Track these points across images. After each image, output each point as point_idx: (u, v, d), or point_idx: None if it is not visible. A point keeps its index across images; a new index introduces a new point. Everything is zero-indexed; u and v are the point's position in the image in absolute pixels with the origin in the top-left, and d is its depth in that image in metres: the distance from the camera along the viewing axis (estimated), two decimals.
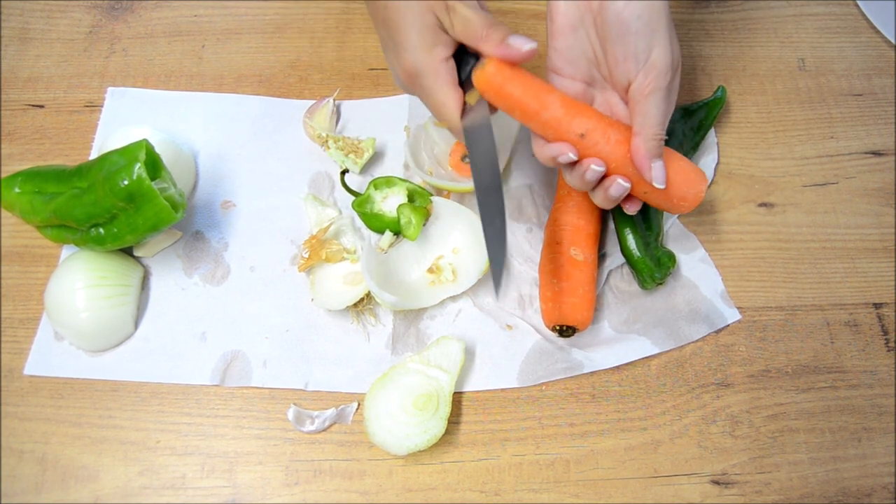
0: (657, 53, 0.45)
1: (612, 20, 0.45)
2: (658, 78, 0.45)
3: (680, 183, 0.49)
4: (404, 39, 0.46)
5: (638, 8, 0.45)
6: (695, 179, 0.49)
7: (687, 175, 0.49)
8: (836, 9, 0.73)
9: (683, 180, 0.49)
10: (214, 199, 0.61)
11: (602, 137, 0.47)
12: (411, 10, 0.46)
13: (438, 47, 0.46)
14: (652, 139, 0.46)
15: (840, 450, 0.54)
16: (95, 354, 0.55)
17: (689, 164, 0.50)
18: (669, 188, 0.48)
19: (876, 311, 0.59)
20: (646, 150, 0.46)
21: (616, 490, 0.52)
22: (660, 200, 0.50)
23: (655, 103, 0.45)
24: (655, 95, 0.45)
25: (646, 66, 0.45)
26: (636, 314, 0.58)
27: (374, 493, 0.52)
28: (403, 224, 0.56)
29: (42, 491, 0.51)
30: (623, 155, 0.47)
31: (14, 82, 0.66)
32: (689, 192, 0.49)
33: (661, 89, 0.45)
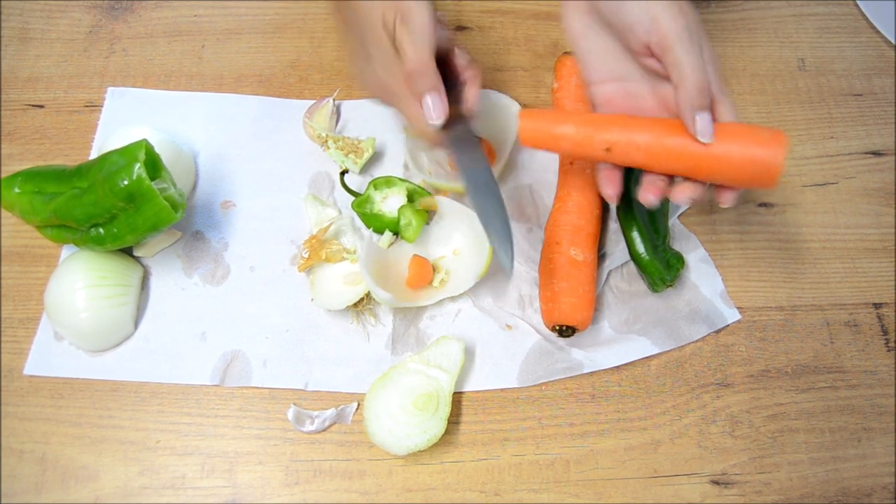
0: (656, 8, 0.44)
1: (603, 4, 0.46)
2: (671, 27, 0.43)
3: (746, 148, 0.43)
4: (377, 47, 0.46)
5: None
6: (769, 139, 0.43)
7: (755, 137, 0.43)
8: (836, 9, 0.73)
9: (750, 143, 0.43)
10: (214, 199, 0.61)
11: (629, 146, 0.46)
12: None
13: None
14: (692, 88, 0.43)
15: (840, 450, 0.54)
16: (95, 354, 0.55)
17: (758, 128, 0.44)
18: (733, 156, 0.43)
19: (876, 311, 0.59)
20: (685, 103, 0.43)
21: (616, 490, 0.52)
22: (733, 174, 0.45)
23: (680, 51, 0.43)
24: (676, 43, 0.43)
25: (653, 24, 0.44)
26: (636, 314, 0.58)
27: (374, 493, 0.52)
28: (403, 226, 0.56)
29: (42, 491, 0.51)
30: (662, 151, 0.45)
31: (14, 82, 0.66)
32: (763, 155, 0.43)
33: (679, 35, 0.43)
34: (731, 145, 0.44)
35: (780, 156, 0.43)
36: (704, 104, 0.43)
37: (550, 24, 0.71)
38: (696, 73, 0.43)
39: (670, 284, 0.57)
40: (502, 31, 0.71)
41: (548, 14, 0.72)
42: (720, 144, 0.44)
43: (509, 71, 0.68)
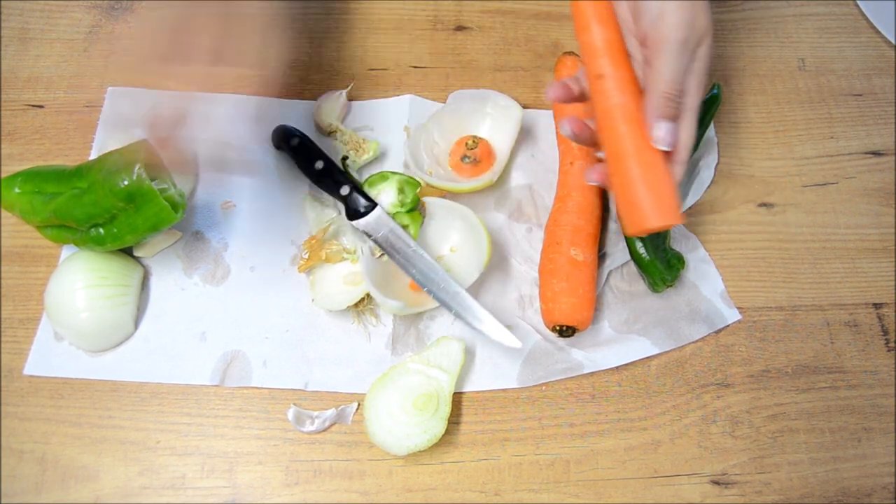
0: (669, 8, 0.43)
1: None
2: (669, 33, 0.43)
3: (645, 195, 0.45)
4: None
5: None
6: (658, 205, 0.44)
7: (658, 192, 0.44)
8: (836, 9, 0.73)
9: (648, 190, 0.44)
10: (214, 199, 0.61)
11: (616, 86, 0.46)
12: None
13: None
14: (659, 96, 0.43)
15: (840, 450, 0.54)
16: (95, 354, 0.55)
17: (671, 188, 0.45)
18: (629, 198, 0.45)
19: (876, 311, 0.59)
20: (650, 108, 0.44)
21: (616, 490, 0.52)
22: (620, 199, 0.46)
23: (665, 59, 0.43)
24: (665, 51, 0.43)
25: (657, 20, 0.44)
26: (636, 314, 0.58)
27: (374, 494, 0.52)
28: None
29: (42, 491, 0.51)
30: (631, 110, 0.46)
31: (14, 82, 0.66)
32: (641, 208, 0.44)
33: (671, 44, 0.43)
34: (635, 181, 0.45)
35: (646, 224, 0.45)
36: (669, 114, 0.44)
37: (550, 24, 0.71)
38: (671, 82, 0.44)
39: (670, 284, 0.57)
40: (502, 31, 0.71)
41: (548, 14, 0.72)
42: (630, 169, 0.45)
43: (509, 71, 0.68)
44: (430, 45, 0.69)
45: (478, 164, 0.61)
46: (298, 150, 0.59)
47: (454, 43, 0.70)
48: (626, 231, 0.47)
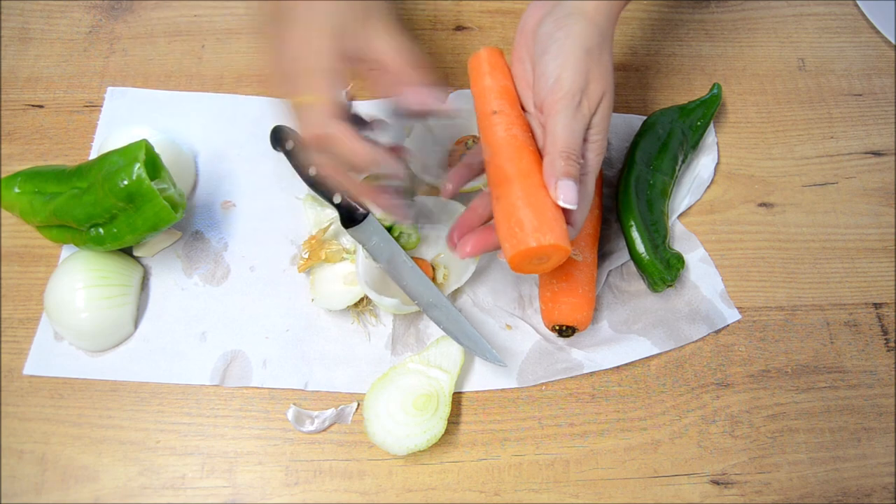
0: (566, 74, 0.44)
1: (536, 43, 0.47)
2: (563, 98, 0.44)
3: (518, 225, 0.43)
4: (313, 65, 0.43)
5: (556, 31, 0.46)
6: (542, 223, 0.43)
7: (542, 214, 0.43)
8: (836, 9, 0.73)
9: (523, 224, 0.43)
10: (214, 199, 0.61)
11: (507, 119, 0.47)
12: (327, 16, 0.43)
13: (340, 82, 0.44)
14: (557, 157, 0.43)
15: (840, 450, 0.54)
16: (95, 354, 0.55)
17: (558, 214, 0.44)
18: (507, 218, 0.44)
19: (876, 311, 0.59)
20: (550, 168, 0.44)
21: (616, 490, 0.52)
22: (501, 225, 0.45)
23: (561, 122, 0.44)
24: (560, 115, 0.44)
25: (553, 86, 0.45)
26: (636, 314, 0.58)
27: (373, 494, 0.52)
28: (402, 242, 0.56)
29: (42, 491, 0.51)
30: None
31: (14, 82, 0.66)
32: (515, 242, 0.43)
33: (566, 109, 0.44)
34: (515, 206, 0.44)
35: (522, 245, 0.42)
36: (569, 172, 0.43)
37: None
38: (567, 141, 0.44)
39: (670, 284, 0.57)
40: (502, 31, 0.71)
41: None
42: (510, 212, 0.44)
43: None
44: (430, 45, 0.69)
45: None
46: (293, 153, 0.59)
47: (454, 43, 0.70)
48: (507, 257, 0.44)
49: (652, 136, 0.61)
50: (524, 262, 0.44)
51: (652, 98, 0.68)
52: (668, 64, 0.70)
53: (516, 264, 0.44)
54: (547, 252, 0.43)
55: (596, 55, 0.46)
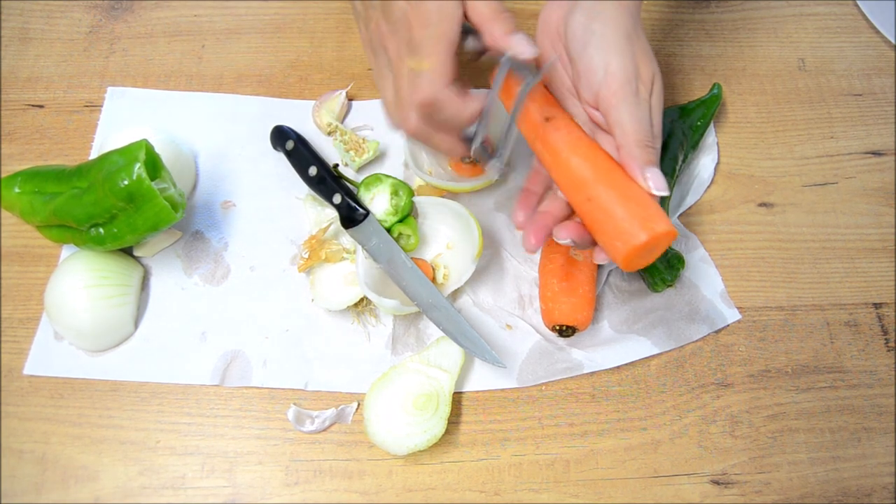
0: (615, 65, 0.44)
1: (571, 39, 0.46)
2: (621, 88, 0.44)
3: (617, 214, 0.43)
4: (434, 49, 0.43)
5: (591, 23, 0.45)
6: (643, 221, 0.42)
7: (637, 204, 0.43)
8: (836, 9, 0.73)
9: (626, 213, 0.43)
10: (214, 199, 0.61)
11: (566, 122, 0.47)
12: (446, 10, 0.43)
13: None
14: (636, 146, 0.44)
15: (840, 450, 0.54)
16: (95, 354, 0.55)
17: (650, 199, 0.44)
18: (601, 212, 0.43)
19: (876, 311, 0.59)
20: (632, 158, 0.44)
21: (616, 490, 0.52)
22: (598, 231, 0.45)
23: (627, 111, 0.44)
24: (624, 104, 0.44)
25: (606, 78, 0.44)
26: (636, 314, 0.58)
27: (373, 493, 0.52)
28: (402, 242, 0.55)
29: (42, 491, 0.51)
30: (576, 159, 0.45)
31: (14, 82, 0.66)
32: (624, 229, 0.43)
33: (627, 98, 0.44)
34: (611, 205, 0.43)
35: (635, 240, 0.42)
36: (650, 159, 0.44)
37: None
38: (641, 131, 0.44)
39: (670, 284, 0.57)
40: None
41: None
42: (606, 196, 0.44)
43: None
44: None
45: (478, 164, 0.61)
46: (292, 154, 0.59)
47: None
48: (620, 262, 0.44)
49: None
50: (636, 258, 0.44)
51: None
52: (668, 64, 0.70)
53: (629, 261, 0.44)
54: (658, 241, 0.43)
55: (636, 39, 0.46)
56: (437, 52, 0.42)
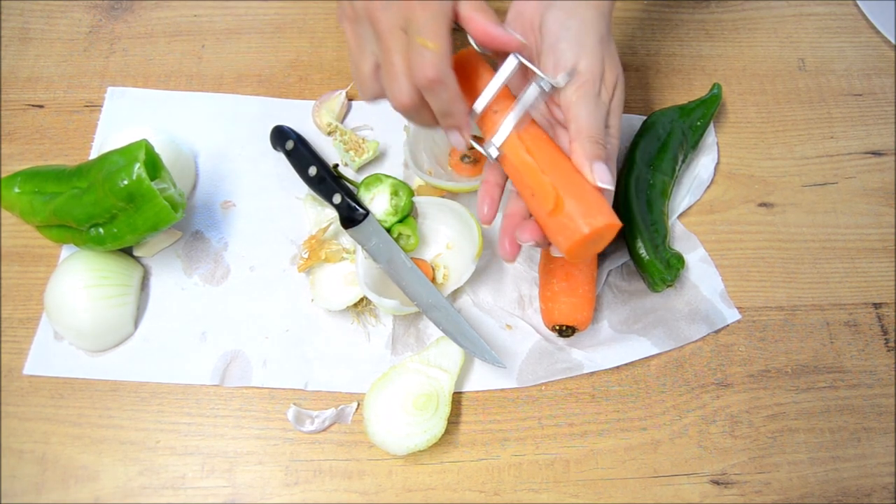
0: (584, 63, 0.45)
1: (545, 32, 0.47)
2: (583, 86, 0.45)
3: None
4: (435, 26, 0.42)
5: (567, 20, 0.46)
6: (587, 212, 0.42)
7: (583, 196, 0.43)
8: (836, 9, 0.73)
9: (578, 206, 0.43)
10: (214, 199, 0.61)
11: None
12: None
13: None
14: (587, 140, 0.44)
15: (840, 450, 0.54)
16: (95, 354, 0.55)
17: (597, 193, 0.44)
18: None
19: (876, 311, 0.59)
20: (581, 151, 0.44)
21: (616, 490, 0.52)
22: (545, 223, 0.45)
23: (585, 108, 0.45)
24: (583, 101, 0.45)
25: (573, 75, 0.45)
26: (636, 314, 0.58)
27: (373, 493, 0.52)
28: (402, 244, 0.55)
29: (42, 491, 0.51)
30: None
31: (14, 82, 0.66)
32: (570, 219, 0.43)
33: (588, 95, 0.45)
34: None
35: (576, 234, 0.42)
36: (599, 154, 0.44)
37: None
38: (593, 127, 0.44)
39: (670, 284, 0.57)
40: None
41: None
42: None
43: None
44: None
45: (477, 164, 0.61)
46: (292, 154, 0.59)
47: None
48: (563, 249, 0.44)
49: (652, 136, 0.61)
50: (580, 250, 0.44)
51: (652, 98, 0.68)
52: (668, 64, 0.70)
53: (574, 253, 0.44)
54: (601, 233, 0.43)
55: (607, 42, 0.47)
56: (442, 34, 0.43)
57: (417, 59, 0.43)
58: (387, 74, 0.45)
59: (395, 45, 0.44)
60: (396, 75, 0.44)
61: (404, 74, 0.44)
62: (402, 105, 0.45)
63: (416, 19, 0.43)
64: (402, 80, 0.44)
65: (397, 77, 0.44)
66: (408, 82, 0.44)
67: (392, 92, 0.45)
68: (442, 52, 0.43)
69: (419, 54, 0.43)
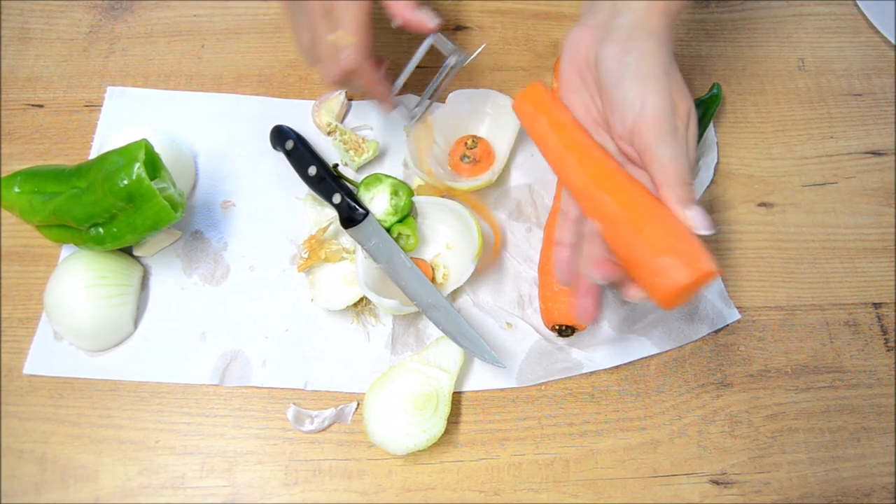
0: (652, 100, 0.42)
1: (605, 70, 0.45)
2: (659, 124, 0.42)
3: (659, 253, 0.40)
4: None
5: (625, 56, 0.44)
6: (688, 259, 0.39)
7: (676, 240, 0.40)
8: (836, 9, 0.73)
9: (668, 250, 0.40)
10: (214, 199, 0.61)
11: (600, 156, 0.45)
12: None
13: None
14: (678, 184, 0.41)
15: (839, 449, 0.54)
16: (95, 354, 0.55)
17: (690, 234, 0.41)
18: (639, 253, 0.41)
19: (875, 310, 0.59)
20: (674, 197, 0.41)
21: (615, 490, 0.52)
22: (634, 268, 0.42)
23: (666, 147, 0.42)
24: (663, 141, 0.42)
25: (642, 112, 0.42)
26: (636, 314, 0.58)
27: (373, 493, 0.52)
28: (401, 242, 0.56)
29: (42, 491, 0.51)
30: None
31: (14, 82, 0.66)
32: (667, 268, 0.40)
33: (665, 134, 0.42)
34: (654, 240, 0.40)
35: (682, 278, 0.39)
36: (691, 197, 0.42)
37: (550, 24, 0.71)
38: (678, 169, 0.42)
39: None
40: (502, 31, 0.71)
41: (548, 14, 0.72)
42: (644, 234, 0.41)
43: (509, 71, 0.68)
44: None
45: (477, 164, 0.61)
46: (292, 154, 0.59)
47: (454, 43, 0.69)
48: (659, 296, 0.40)
49: None
50: (677, 298, 0.40)
51: None
52: None
53: (670, 301, 0.40)
54: (702, 280, 0.39)
55: (672, 73, 0.44)
56: (359, 26, 0.49)
57: (339, 52, 0.50)
58: (317, 56, 0.52)
59: (321, 29, 0.50)
60: (324, 59, 0.51)
61: (331, 62, 0.51)
62: (332, 83, 0.52)
63: (338, 8, 0.49)
64: (330, 67, 0.51)
65: (325, 60, 0.51)
66: (334, 68, 0.51)
67: (322, 71, 0.52)
68: (359, 44, 0.49)
69: (339, 47, 0.50)
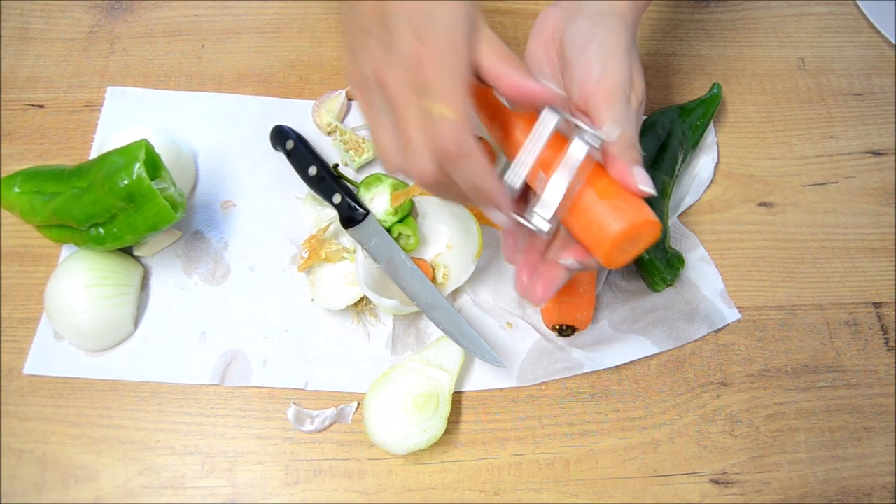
0: (614, 66, 0.43)
1: (570, 41, 0.45)
2: (616, 89, 0.42)
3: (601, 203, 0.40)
4: (448, 76, 0.37)
5: (593, 27, 0.45)
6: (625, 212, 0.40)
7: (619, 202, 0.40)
8: (836, 9, 0.73)
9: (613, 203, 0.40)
10: (214, 199, 0.61)
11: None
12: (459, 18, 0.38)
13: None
14: (626, 144, 0.42)
15: (840, 449, 0.54)
16: (95, 354, 0.55)
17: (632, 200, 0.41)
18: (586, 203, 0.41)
19: (876, 310, 0.59)
20: (622, 156, 0.41)
21: (616, 489, 0.52)
22: (578, 230, 0.42)
23: (621, 110, 0.42)
24: (619, 104, 0.42)
25: (603, 77, 0.43)
26: (636, 314, 0.58)
27: (373, 493, 0.52)
28: (401, 242, 0.56)
29: (42, 491, 0.51)
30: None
31: (14, 82, 0.66)
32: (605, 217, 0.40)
33: (621, 99, 0.42)
34: (590, 201, 0.41)
35: (617, 227, 0.39)
36: (637, 159, 0.42)
37: None
38: (628, 131, 0.42)
39: (670, 284, 0.57)
40: (502, 31, 0.71)
41: None
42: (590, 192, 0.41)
43: None
44: None
45: None
46: (292, 153, 0.59)
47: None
48: (600, 256, 0.41)
49: (652, 136, 0.61)
50: (616, 253, 0.41)
51: (652, 98, 0.68)
52: (668, 64, 0.70)
53: (612, 258, 0.41)
54: (638, 231, 0.40)
55: (634, 55, 0.45)
56: (460, 96, 0.37)
57: (433, 131, 0.37)
58: (404, 149, 0.39)
59: (408, 112, 0.38)
60: (414, 150, 0.38)
61: (423, 148, 0.38)
62: (426, 183, 0.40)
63: (429, 80, 0.37)
64: (422, 155, 0.38)
65: (415, 152, 0.38)
66: (428, 157, 0.38)
67: (412, 169, 0.39)
68: (462, 118, 0.37)
69: (435, 124, 0.37)
